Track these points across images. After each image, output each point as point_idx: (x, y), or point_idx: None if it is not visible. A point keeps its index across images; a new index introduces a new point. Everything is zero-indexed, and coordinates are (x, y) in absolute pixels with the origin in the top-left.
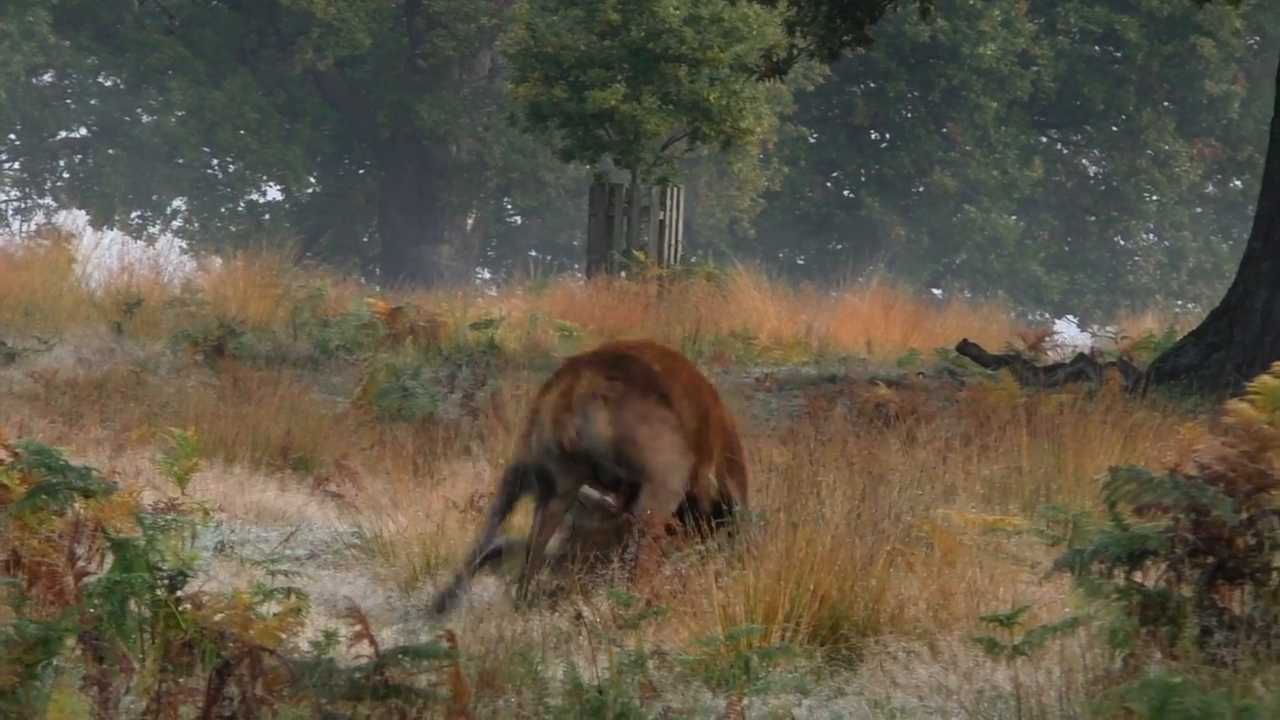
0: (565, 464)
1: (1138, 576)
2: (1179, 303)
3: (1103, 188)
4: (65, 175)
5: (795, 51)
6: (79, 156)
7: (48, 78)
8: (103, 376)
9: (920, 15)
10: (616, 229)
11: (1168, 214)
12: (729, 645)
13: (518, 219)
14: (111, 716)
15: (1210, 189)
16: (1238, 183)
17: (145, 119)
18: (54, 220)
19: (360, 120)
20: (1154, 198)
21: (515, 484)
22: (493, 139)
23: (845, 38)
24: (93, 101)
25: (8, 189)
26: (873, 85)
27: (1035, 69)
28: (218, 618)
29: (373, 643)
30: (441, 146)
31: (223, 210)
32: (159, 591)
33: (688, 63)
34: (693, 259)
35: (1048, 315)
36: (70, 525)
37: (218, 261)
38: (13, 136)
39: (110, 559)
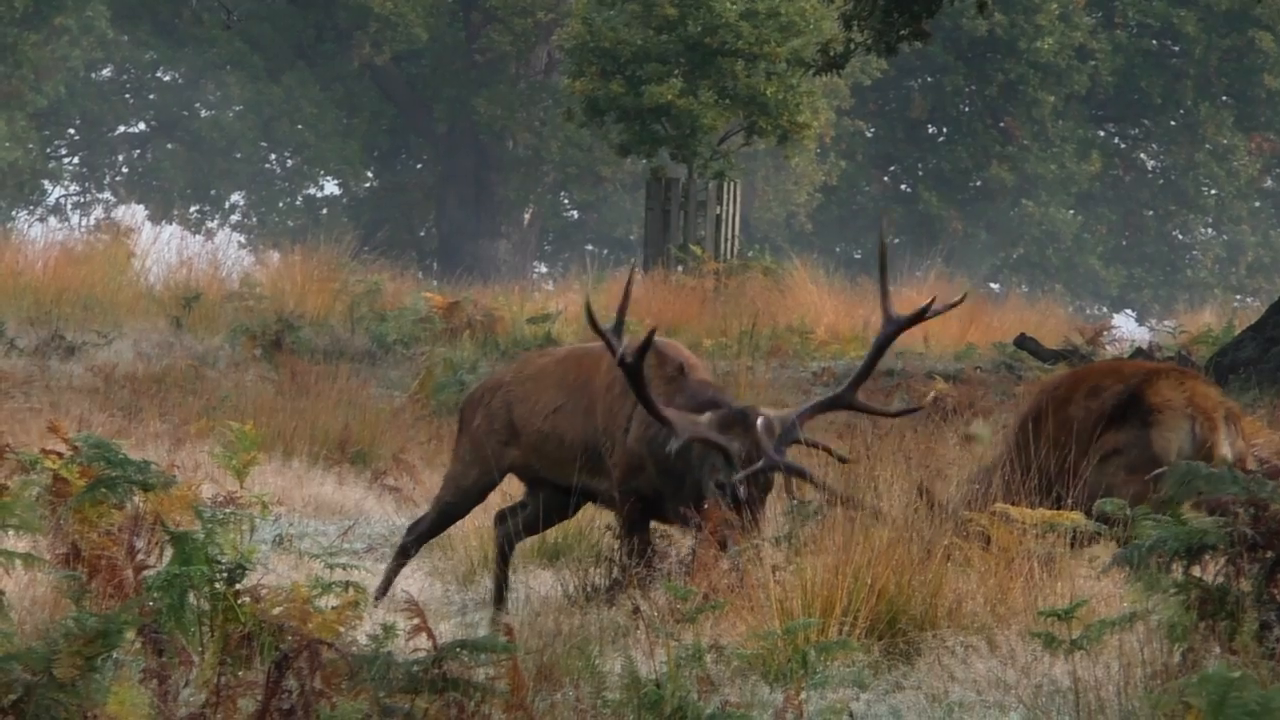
0: None
1: (1196, 571)
2: (1237, 297)
3: (1161, 182)
4: (124, 170)
5: (852, 46)
6: (137, 151)
7: (106, 72)
8: (161, 371)
9: (978, 9)
10: (673, 223)
11: (1226, 208)
12: (786, 639)
13: (574, 213)
14: (171, 709)
15: (1269, 183)
16: None
17: (204, 114)
18: (113, 215)
19: (417, 115)
20: (1212, 192)
21: None
22: (549, 133)
23: (902, 32)
24: (151, 96)
25: (67, 184)
26: (930, 79)
27: (1093, 63)
28: (276, 611)
29: (431, 636)
30: (498, 141)
31: (280, 205)
32: (218, 585)
33: (744, 57)
34: (749, 253)
35: (1105, 309)
36: (129, 519)
37: (275, 256)
38: (72, 131)
39: (169, 552)
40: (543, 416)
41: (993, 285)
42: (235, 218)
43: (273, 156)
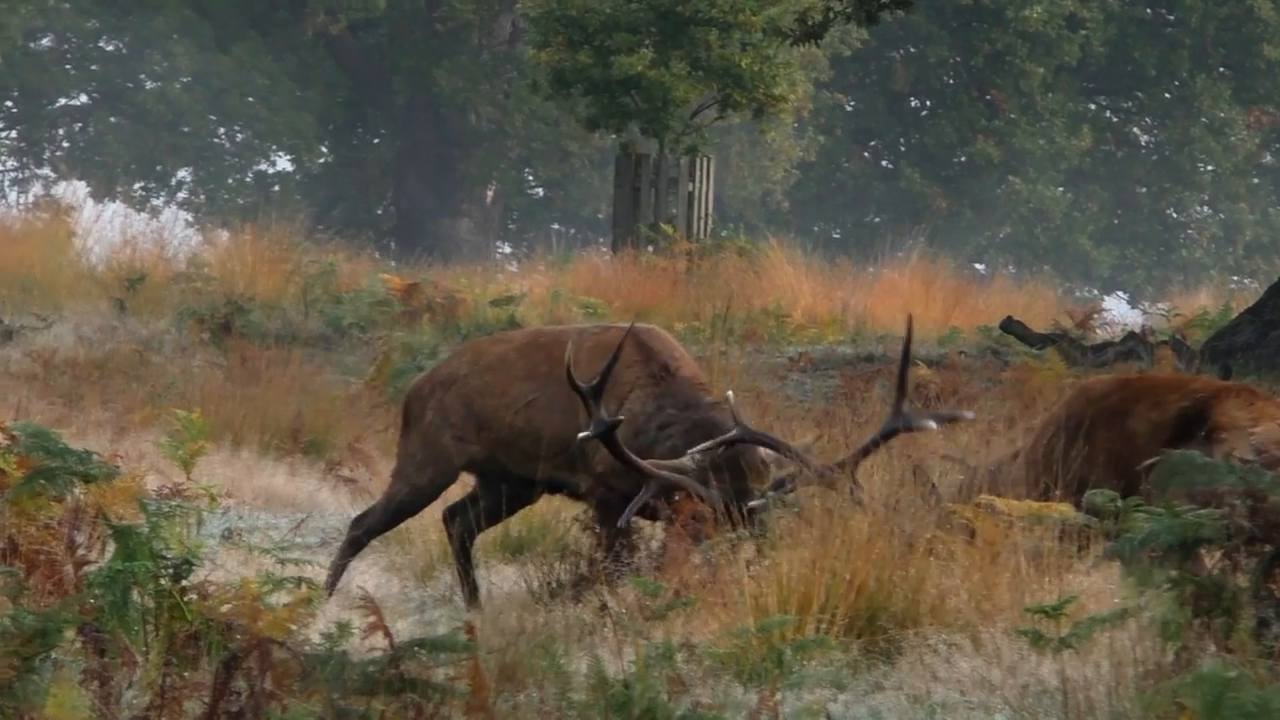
0: None
1: (1190, 565)
2: (1235, 278)
3: (1154, 157)
4: (65, 144)
5: (831, 14)
6: (79, 125)
7: (46, 41)
8: (104, 356)
9: None
10: (643, 201)
11: (1223, 185)
12: (761, 637)
13: (540, 191)
14: (113, 712)
15: (1268, 159)
16: None
17: (149, 85)
18: (53, 192)
19: (375, 87)
20: (1208, 168)
21: None
22: (514, 107)
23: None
24: (94, 67)
25: (4, 159)
26: (913, 50)
27: (1084, 32)
28: (225, 608)
29: (388, 635)
30: (460, 115)
31: (230, 181)
32: (163, 581)
33: (718, 26)
34: (723, 233)
35: (1096, 291)
36: (70, 512)
37: (225, 235)
38: (9, 104)
39: (112, 547)
40: (514, 411)
41: (978, 266)
42: (182, 195)
43: (222, 131)
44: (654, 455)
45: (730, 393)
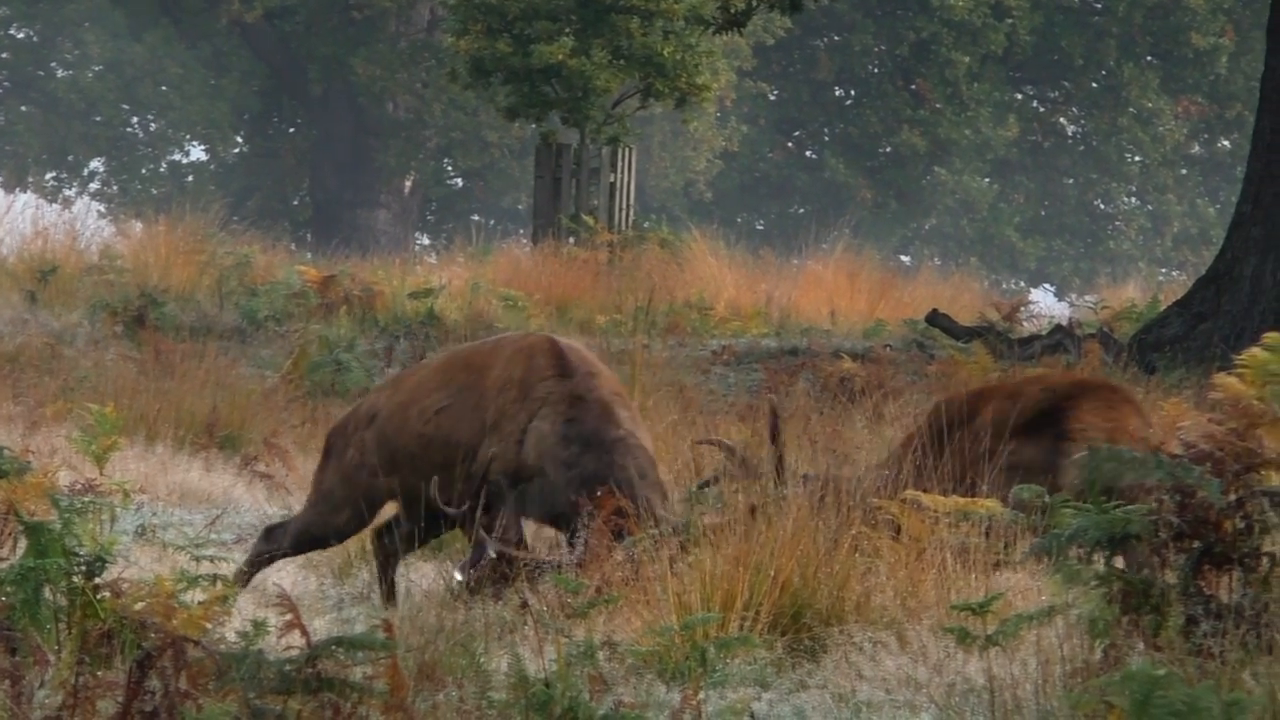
0: None
1: (1119, 562)
2: (1163, 270)
3: (1082, 148)
4: None
5: (754, 2)
6: None
7: None
8: (15, 349)
9: None
10: (564, 192)
11: (1151, 176)
12: (684, 635)
13: (459, 181)
14: (25, 712)
15: (1196, 149)
16: (1225, 142)
17: (61, 74)
18: None
19: (290, 76)
20: (1136, 158)
21: None
22: (432, 96)
23: None
24: (3, 55)
25: None
26: (837, 39)
27: (1010, 21)
28: (138, 606)
29: (304, 633)
30: (377, 104)
31: (143, 171)
32: (75, 579)
33: (640, 14)
34: (645, 224)
35: (1023, 284)
36: None
37: (138, 226)
38: None
39: (23, 544)
40: (424, 420)
41: (903, 258)
42: (95, 185)
43: (135, 120)
44: (556, 489)
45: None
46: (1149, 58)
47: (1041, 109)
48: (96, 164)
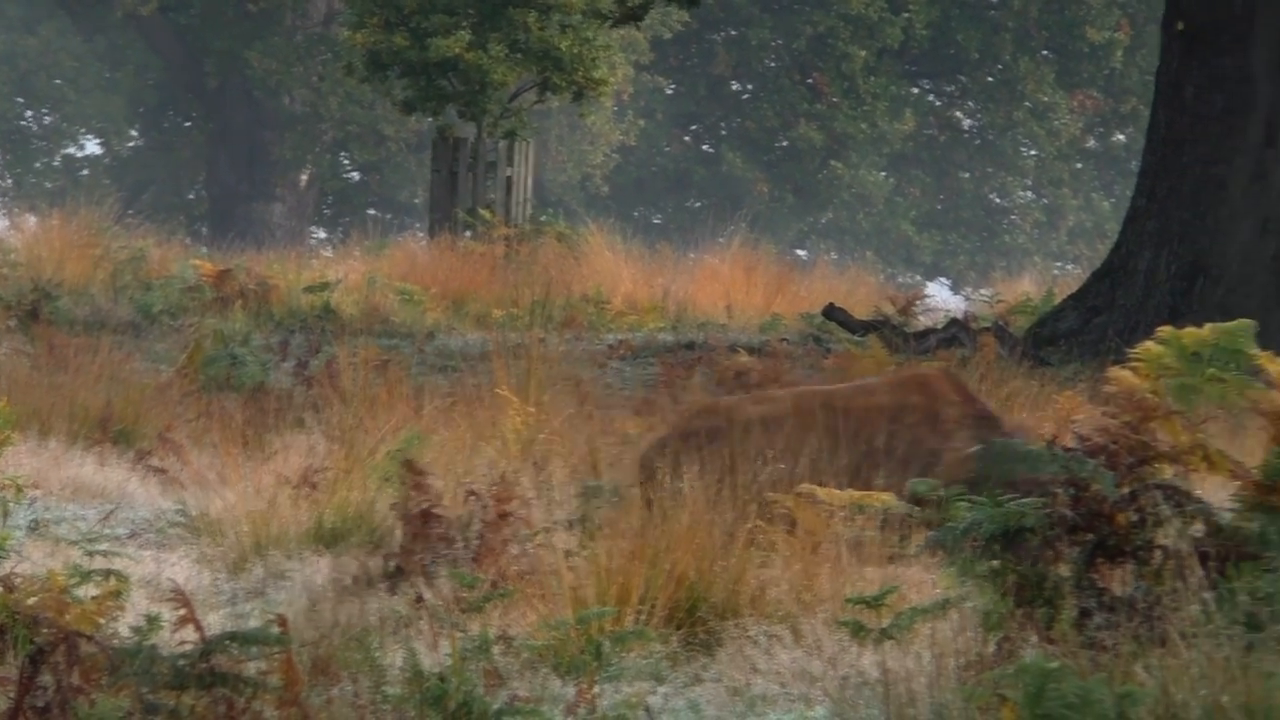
0: None
1: (1012, 555)
2: (1058, 264)
3: (977, 142)
4: None
5: None
6: None
7: None
8: None
9: None
10: (461, 186)
11: (1046, 170)
12: (579, 629)
13: (355, 175)
14: None
15: (1091, 143)
16: (1121, 136)
17: None
18: None
19: (186, 69)
20: (1032, 152)
21: None
22: (328, 89)
23: None
24: None
25: None
26: (734, 33)
27: (906, 15)
28: (31, 601)
29: (198, 628)
30: (273, 97)
31: (38, 165)
32: None
33: (537, 8)
34: (542, 218)
35: (919, 277)
36: None
37: (32, 220)
38: None
39: None
40: None
41: (800, 252)
42: None
43: (29, 113)
44: None
45: None
46: (1044, 52)
47: (938, 103)
48: None
